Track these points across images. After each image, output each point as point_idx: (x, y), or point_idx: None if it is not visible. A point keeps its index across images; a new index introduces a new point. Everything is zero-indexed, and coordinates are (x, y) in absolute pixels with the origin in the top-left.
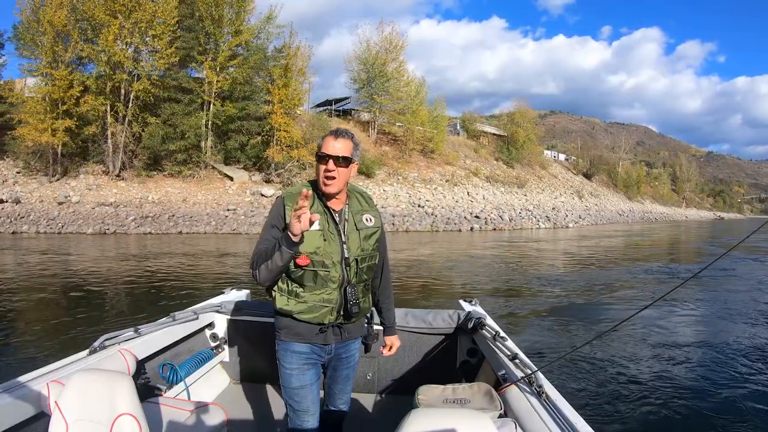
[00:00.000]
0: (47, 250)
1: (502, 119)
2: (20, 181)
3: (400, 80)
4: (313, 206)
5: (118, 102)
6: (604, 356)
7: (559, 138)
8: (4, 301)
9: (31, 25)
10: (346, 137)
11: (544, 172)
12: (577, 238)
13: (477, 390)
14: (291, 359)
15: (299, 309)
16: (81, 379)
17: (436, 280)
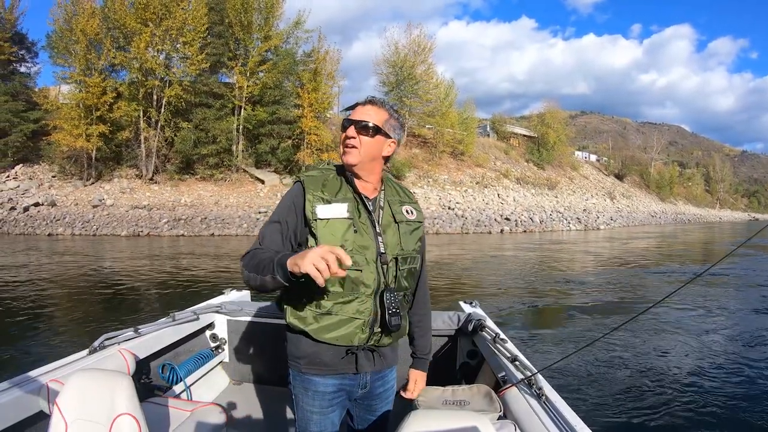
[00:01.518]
0: (68, 251)
1: (532, 120)
2: (56, 184)
3: (429, 82)
4: (340, 191)
5: (151, 107)
6: (605, 358)
7: (590, 139)
8: (22, 298)
9: (65, 34)
10: (379, 105)
11: (575, 174)
12: (606, 241)
13: (476, 392)
14: (312, 400)
15: (322, 325)
16: (80, 379)
17: (458, 280)
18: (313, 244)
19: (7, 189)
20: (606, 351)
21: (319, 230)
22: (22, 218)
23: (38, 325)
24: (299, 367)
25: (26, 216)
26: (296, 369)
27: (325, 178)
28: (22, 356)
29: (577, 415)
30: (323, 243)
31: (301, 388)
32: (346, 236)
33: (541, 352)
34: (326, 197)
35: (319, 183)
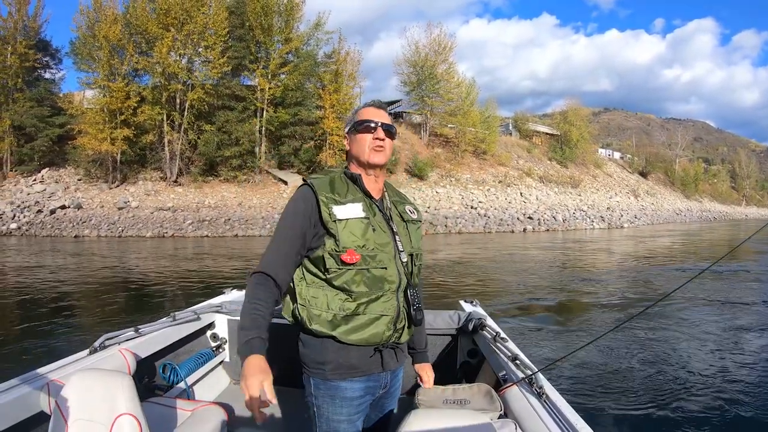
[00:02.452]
0: (85, 252)
1: (554, 118)
2: (81, 187)
3: (451, 82)
4: (348, 193)
5: (174, 111)
6: (606, 357)
7: (614, 136)
8: (26, 297)
9: (88, 41)
10: (386, 109)
11: (598, 171)
12: (628, 239)
13: (477, 391)
14: (340, 408)
15: (351, 327)
16: (81, 379)
17: (471, 279)
18: (332, 246)
19: (34, 192)
20: (607, 350)
21: (340, 231)
22: (48, 220)
23: (40, 325)
24: (324, 374)
25: (53, 218)
26: (320, 376)
27: (332, 181)
28: (23, 356)
29: (578, 413)
30: (344, 243)
31: (326, 397)
32: (366, 235)
33: (548, 349)
34: (336, 198)
35: (327, 185)
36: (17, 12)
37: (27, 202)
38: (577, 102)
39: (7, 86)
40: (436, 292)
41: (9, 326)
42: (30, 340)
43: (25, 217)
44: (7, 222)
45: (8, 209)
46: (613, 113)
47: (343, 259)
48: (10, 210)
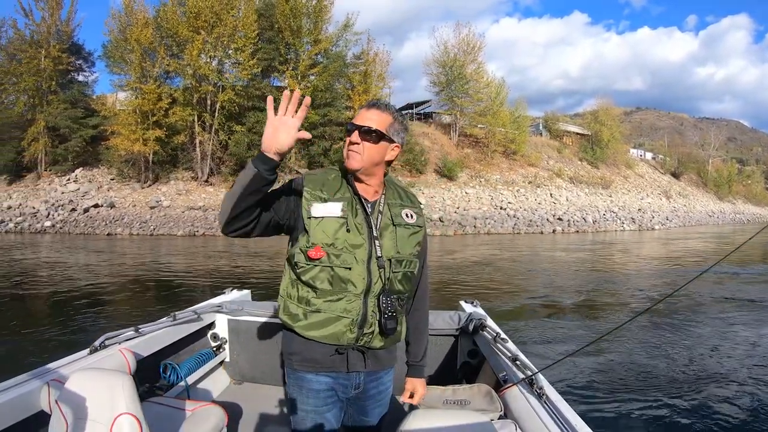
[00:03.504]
0: (107, 250)
1: (585, 118)
2: (114, 187)
3: (480, 81)
4: (339, 191)
5: (205, 112)
6: (606, 358)
7: (646, 135)
8: (31, 295)
9: (120, 44)
10: (382, 109)
11: (630, 172)
12: (658, 241)
13: (477, 391)
14: (306, 398)
15: (310, 322)
16: (81, 379)
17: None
18: (304, 242)
19: (68, 191)
20: (608, 350)
21: (312, 228)
22: (82, 219)
23: (42, 324)
24: (292, 364)
25: (86, 217)
26: (290, 366)
27: (326, 179)
28: (23, 356)
29: (577, 414)
30: (314, 241)
31: (295, 386)
32: (337, 234)
33: (550, 350)
34: (324, 196)
35: (318, 182)
36: (50, 17)
37: (61, 200)
38: (609, 101)
39: (42, 89)
40: (444, 291)
41: (25, 320)
42: (43, 334)
43: (59, 215)
44: (42, 220)
45: (43, 208)
46: (646, 113)
47: (309, 254)
48: (45, 208)
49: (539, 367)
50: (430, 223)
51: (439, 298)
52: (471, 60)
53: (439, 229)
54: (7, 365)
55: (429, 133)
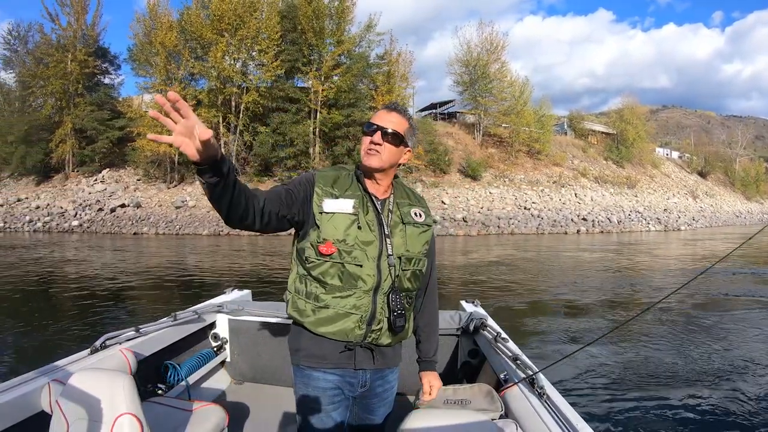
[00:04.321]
0: (123, 248)
1: (610, 116)
2: (140, 187)
3: (503, 81)
4: (349, 189)
5: (230, 113)
6: (607, 357)
7: (672, 134)
8: (38, 293)
9: (145, 47)
10: (402, 114)
11: (656, 171)
12: (683, 242)
13: (478, 391)
14: (314, 396)
15: (319, 318)
16: (82, 379)
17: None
18: (315, 237)
19: (95, 191)
20: (609, 350)
21: (323, 223)
22: (109, 218)
23: (45, 323)
24: (299, 360)
25: (113, 216)
26: (296, 362)
27: (338, 176)
28: (24, 356)
29: (578, 414)
30: (324, 235)
31: (302, 384)
32: (348, 231)
33: (551, 349)
34: (336, 192)
35: (330, 179)
36: (76, 21)
37: (88, 200)
38: (634, 100)
39: (69, 92)
40: (456, 290)
41: (29, 319)
42: (47, 332)
43: (86, 215)
44: (69, 219)
45: (70, 207)
46: (672, 111)
47: (320, 249)
48: (72, 208)
49: (540, 367)
50: (453, 222)
51: (450, 297)
52: (494, 59)
53: (463, 229)
54: (8, 366)
55: (453, 132)
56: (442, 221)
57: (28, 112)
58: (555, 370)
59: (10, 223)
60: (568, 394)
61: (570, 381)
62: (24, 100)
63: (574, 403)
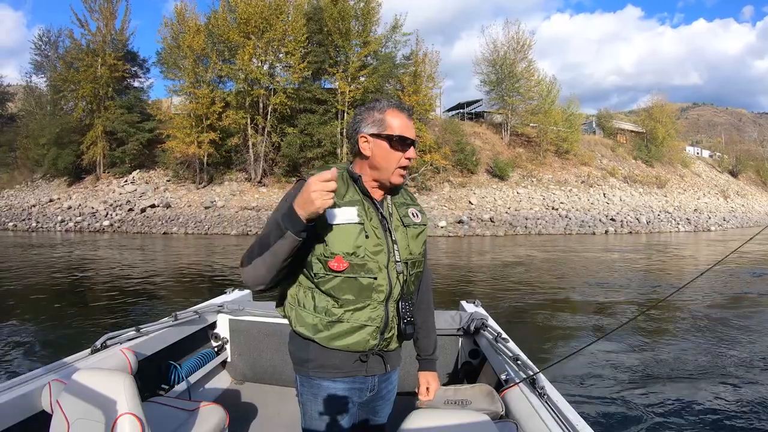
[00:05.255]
0: (165, 247)
1: (639, 115)
2: (170, 188)
3: (530, 80)
4: (348, 193)
5: (257, 115)
6: (608, 357)
7: (703, 132)
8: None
9: (173, 51)
10: None
11: (686, 171)
12: (711, 243)
13: (478, 391)
14: (322, 405)
15: (333, 333)
16: (82, 378)
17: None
18: (321, 250)
19: (126, 192)
20: (610, 350)
21: (330, 236)
22: (139, 218)
23: (49, 322)
24: (308, 371)
25: (143, 216)
26: (304, 373)
27: None
28: (25, 356)
29: (579, 415)
30: (332, 249)
31: (310, 395)
32: (357, 242)
33: (552, 349)
34: (336, 200)
35: None
36: (105, 26)
37: (119, 201)
38: (663, 98)
39: (99, 95)
40: (469, 290)
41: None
42: (53, 331)
43: (117, 215)
44: (101, 219)
45: (101, 208)
46: (702, 108)
47: (330, 266)
48: (103, 209)
49: (541, 367)
50: (481, 223)
51: (457, 297)
52: (521, 58)
53: (490, 229)
54: (9, 366)
55: (480, 132)
56: (469, 221)
57: (59, 115)
58: (556, 370)
59: (43, 223)
60: (569, 395)
61: (571, 381)
62: (55, 103)
63: (575, 403)
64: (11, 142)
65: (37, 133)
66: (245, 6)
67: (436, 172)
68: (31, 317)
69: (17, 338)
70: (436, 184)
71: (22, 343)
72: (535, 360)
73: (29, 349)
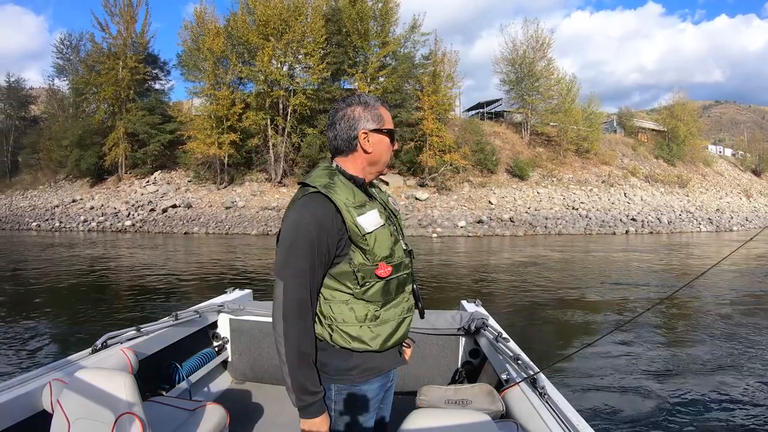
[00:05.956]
0: (188, 247)
1: (660, 113)
2: (191, 188)
3: (550, 78)
4: (356, 196)
5: (277, 116)
6: (609, 357)
7: (726, 130)
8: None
9: (193, 53)
10: None
11: (708, 170)
12: (732, 243)
13: (479, 391)
14: (360, 409)
15: (384, 335)
16: (83, 378)
17: None
18: (361, 260)
19: (148, 193)
20: (610, 350)
21: (371, 245)
22: (161, 218)
23: (56, 320)
24: (352, 379)
25: (165, 216)
26: (344, 382)
27: (336, 184)
28: (25, 355)
29: (579, 414)
30: (377, 257)
31: (348, 401)
32: (390, 243)
33: (553, 349)
34: (356, 206)
35: (341, 192)
36: (125, 30)
37: (140, 201)
38: (684, 95)
39: (121, 97)
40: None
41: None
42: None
43: (139, 215)
44: (123, 219)
45: (123, 208)
46: (725, 106)
47: (378, 273)
48: (125, 209)
49: (541, 367)
50: (501, 223)
51: (465, 296)
52: (540, 56)
53: (509, 229)
54: (10, 365)
55: (500, 132)
56: (489, 221)
57: (81, 118)
58: (556, 370)
59: (66, 223)
60: (570, 395)
61: (572, 381)
62: (78, 106)
63: (575, 402)
64: (35, 144)
65: (60, 135)
66: (264, 8)
67: (456, 172)
68: (38, 315)
69: (24, 336)
70: (455, 184)
71: (31, 339)
72: (536, 360)
73: (36, 347)
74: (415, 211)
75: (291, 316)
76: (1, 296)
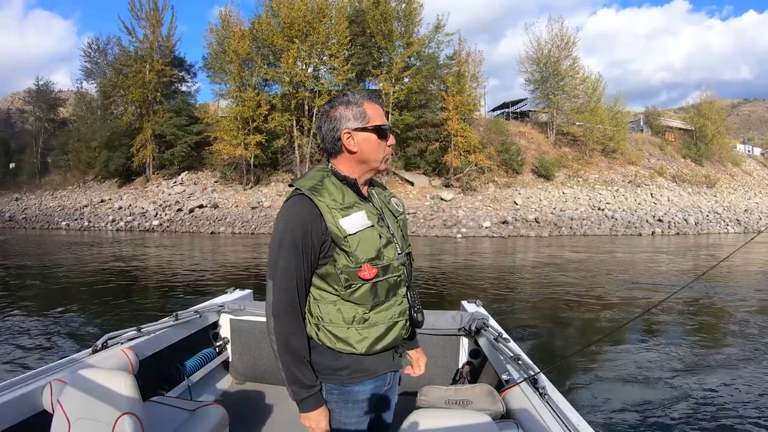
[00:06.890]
0: (214, 247)
1: (688, 112)
2: (218, 189)
3: (575, 78)
4: (346, 197)
5: (303, 117)
6: (609, 357)
7: (755, 129)
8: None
9: (219, 56)
10: None
11: (736, 170)
12: (758, 245)
13: (479, 391)
14: (352, 411)
15: (372, 338)
16: (83, 378)
17: None
18: (345, 262)
19: (175, 193)
20: (610, 350)
21: (353, 247)
22: (188, 218)
23: (54, 321)
24: (341, 380)
25: (191, 216)
26: (334, 381)
27: (328, 185)
28: (26, 355)
29: (580, 414)
30: (360, 259)
31: (339, 401)
32: (377, 246)
33: (553, 349)
34: (341, 207)
35: (326, 192)
36: (152, 33)
37: (168, 201)
38: (712, 93)
39: (148, 100)
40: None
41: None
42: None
43: (166, 215)
44: (150, 219)
45: (151, 208)
46: (754, 104)
47: (361, 275)
48: (153, 209)
49: (542, 367)
50: (525, 224)
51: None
52: (565, 55)
53: (534, 230)
54: (10, 365)
55: (525, 132)
56: (514, 222)
57: (109, 120)
58: (556, 370)
59: (94, 222)
60: (570, 395)
61: (572, 381)
62: (106, 108)
63: (576, 402)
64: (64, 146)
65: (89, 136)
66: (288, 10)
67: (481, 172)
68: (47, 313)
69: (29, 334)
70: (480, 184)
71: (34, 338)
72: (542, 360)
73: (37, 346)
74: (440, 212)
75: (279, 313)
76: (8, 294)
